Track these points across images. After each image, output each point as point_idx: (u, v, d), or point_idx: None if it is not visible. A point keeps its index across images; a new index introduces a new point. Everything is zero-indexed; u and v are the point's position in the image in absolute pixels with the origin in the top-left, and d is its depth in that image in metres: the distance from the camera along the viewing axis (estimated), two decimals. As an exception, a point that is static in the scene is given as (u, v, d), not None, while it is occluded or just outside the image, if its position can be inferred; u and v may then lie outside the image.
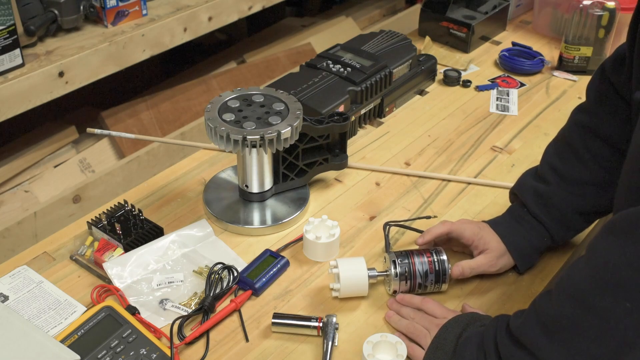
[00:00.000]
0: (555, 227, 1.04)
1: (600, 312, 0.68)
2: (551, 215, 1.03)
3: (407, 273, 1.00)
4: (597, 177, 1.01)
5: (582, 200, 1.02)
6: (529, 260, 1.06)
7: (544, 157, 1.08)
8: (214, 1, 1.88)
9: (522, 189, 1.07)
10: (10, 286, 1.02)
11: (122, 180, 1.80)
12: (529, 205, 1.05)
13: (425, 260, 1.01)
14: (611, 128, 0.99)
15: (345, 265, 1.00)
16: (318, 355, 0.94)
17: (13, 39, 1.48)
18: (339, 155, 1.23)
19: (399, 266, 1.00)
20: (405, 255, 1.02)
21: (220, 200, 1.19)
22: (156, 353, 0.91)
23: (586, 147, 1.02)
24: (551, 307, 0.74)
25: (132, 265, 1.04)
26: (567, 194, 1.02)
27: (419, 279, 1.01)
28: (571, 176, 1.03)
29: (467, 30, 1.67)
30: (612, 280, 0.67)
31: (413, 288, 1.01)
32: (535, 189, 1.05)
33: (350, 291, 1.01)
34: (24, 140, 1.84)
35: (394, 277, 1.00)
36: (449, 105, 1.51)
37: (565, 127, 1.08)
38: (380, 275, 1.02)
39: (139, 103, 2.05)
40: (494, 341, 0.80)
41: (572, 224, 1.04)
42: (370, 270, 1.01)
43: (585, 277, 0.71)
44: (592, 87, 1.04)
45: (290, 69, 2.18)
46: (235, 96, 1.14)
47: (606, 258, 0.68)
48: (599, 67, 1.03)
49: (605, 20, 1.54)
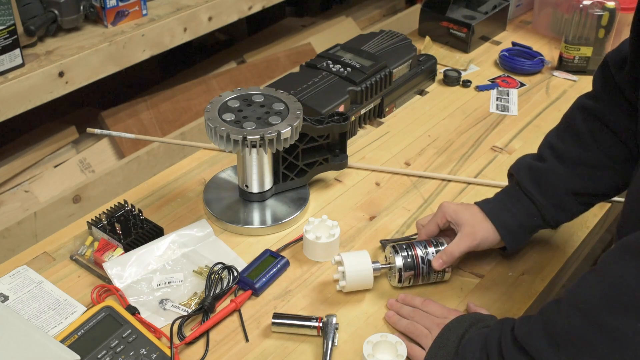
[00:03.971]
0: (547, 205, 1.01)
1: (611, 330, 0.68)
2: (544, 194, 1.01)
3: (411, 263, 1.01)
4: (597, 159, 1.00)
5: (578, 180, 1.01)
6: (516, 238, 1.04)
7: (545, 138, 1.07)
8: (214, 1, 1.88)
9: (518, 167, 1.06)
10: (10, 286, 1.02)
11: (122, 180, 1.80)
12: (522, 182, 1.03)
13: (427, 250, 1.02)
14: (616, 118, 0.99)
15: (350, 259, 1.01)
16: (318, 355, 0.94)
17: (13, 39, 1.48)
18: (339, 155, 1.23)
19: (402, 257, 1.01)
20: (408, 247, 1.03)
21: (220, 200, 1.19)
22: (156, 353, 0.91)
23: (589, 130, 1.01)
24: (559, 319, 0.73)
25: (132, 265, 1.04)
26: (563, 173, 1.01)
27: (422, 269, 1.01)
28: (570, 156, 1.01)
29: (467, 30, 1.67)
30: (625, 300, 0.67)
31: (417, 277, 1.02)
32: (530, 166, 1.04)
33: (355, 284, 1.01)
34: (24, 140, 1.84)
35: (398, 268, 1.01)
36: (449, 105, 1.51)
37: (568, 111, 1.07)
38: (384, 267, 1.03)
39: (139, 103, 2.05)
40: (497, 345, 0.80)
41: (565, 204, 1.02)
42: (374, 263, 1.02)
43: (597, 293, 0.70)
44: (596, 78, 1.04)
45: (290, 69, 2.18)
46: (235, 96, 1.14)
47: (621, 277, 0.68)
48: (603, 61, 1.02)
49: (605, 20, 1.54)
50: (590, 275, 0.73)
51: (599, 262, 0.73)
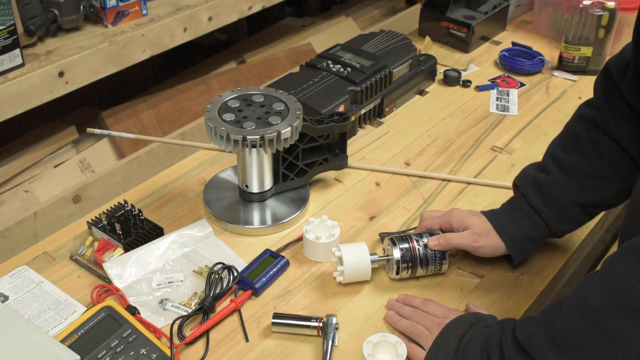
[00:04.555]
0: (553, 218, 1.02)
1: (614, 334, 0.68)
2: (550, 206, 1.02)
3: (408, 255, 1.02)
4: (600, 170, 1.00)
5: (582, 192, 1.01)
6: (523, 251, 1.04)
7: (548, 149, 1.07)
8: (214, 1, 1.88)
9: (523, 179, 1.06)
10: (10, 286, 1.02)
11: (122, 180, 1.80)
12: (528, 195, 1.03)
13: (424, 241, 1.03)
14: (617, 127, 0.99)
15: (348, 250, 1.02)
16: (318, 355, 0.94)
17: (13, 39, 1.48)
18: (339, 155, 1.23)
19: (399, 250, 1.02)
20: (405, 239, 1.03)
21: (220, 200, 1.19)
22: (156, 353, 0.91)
23: (591, 140, 1.01)
24: (562, 321, 0.73)
25: (132, 265, 1.04)
26: (568, 185, 1.01)
27: (419, 260, 1.02)
28: (573, 167, 1.02)
29: (467, 30, 1.67)
30: (629, 304, 0.67)
31: (414, 267, 1.03)
32: (535, 179, 1.04)
33: (353, 276, 1.02)
34: (24, 140, 1.84)
35: (396, 260, 1.01)
36: (449, 105, 1.51)
37: (570, 121, 1.07)
38: (382, 259, 1.04)
39: (139, 103, 2.05)
40: (499, 346, 0.80)
41: (571, 216, 1.03)
42: (372, 255, 1.03)
43: (600, 296, 0.70)
44: (598, 85, 1.03)
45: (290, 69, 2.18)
46: (235, 96, 1.14)
47: (624, 281, 0.68)
48: (604, 67, 1.02)
49: (605, 20, 1.54)
50: (593, 277, 0.73)
51: (602, 265, 0.73)
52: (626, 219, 0.83)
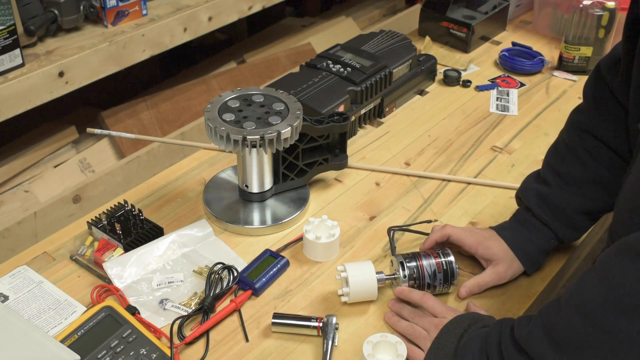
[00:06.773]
0: (561, 228, 1.04)
1: (613, 332, 0.68)
2: (556, 217, 1.03)
3: (416, 275, 1.00)
4: (598, 175, 1.01)
5: (584, 200, 1.02)
6: (536, 263, 1.06)
7: (545, 159, 1.08)
8: (214, 1, 1.88)
9: (526, 192, 1.07)
10: (10, 286, 1.02)
11: (122, 180, 1.80)
12: (533, 208, 1.04)
13: (433, 262, 1.01)
14: (607, 131, 1.00)
15: (353, 271, 1.00)
16: (318, 355, 0.94)
17: (13, 39, 1.48)
18: (339, 155, 1.23)
19: (407, 269, 1.00)
20: (413, 257, 1.02)
21: (220, 200, 1.19)
22: (156, 353, 0.91)
23: (584, 147, 1.02)
24: (560, 321, 0.73)
25: (132, 265, 1.04)
26: (569, 195, 1.02)
27: (427, 280, 1.00)
28: (571, 176, 1.03)
29: (467, 30, 1.67)
30: (627, 303, 0.67)
31: (421, 288, 1.01)
32: (537, 192, 1.05)
33: (359, 296, 1.00)
34: (24, 140, 1.84)
35: (403, 279, 1.00)
36: (449, 105, 1.51)
37: (563, 129, 1.08)
38: (389, 278, 1.02)
39: (139, 103, 2.05)
40: (497, 346, 0.80)
41: (577, 224, 1.04)
42: (378, 274, 1.01)
43: (597, 295, 0.70)
44: (588, 87, 1.04)
45: (290, 69, 2.18)
46: (235, 96, 1.14)
47: (622, 280, 0.68)
48: (595, 67, 1.03)
49: (605, 20, 1.54)
50: (590, 276, 0.73)
51: (597, 262, 0.73)
52: (615, 216, 0.83)
